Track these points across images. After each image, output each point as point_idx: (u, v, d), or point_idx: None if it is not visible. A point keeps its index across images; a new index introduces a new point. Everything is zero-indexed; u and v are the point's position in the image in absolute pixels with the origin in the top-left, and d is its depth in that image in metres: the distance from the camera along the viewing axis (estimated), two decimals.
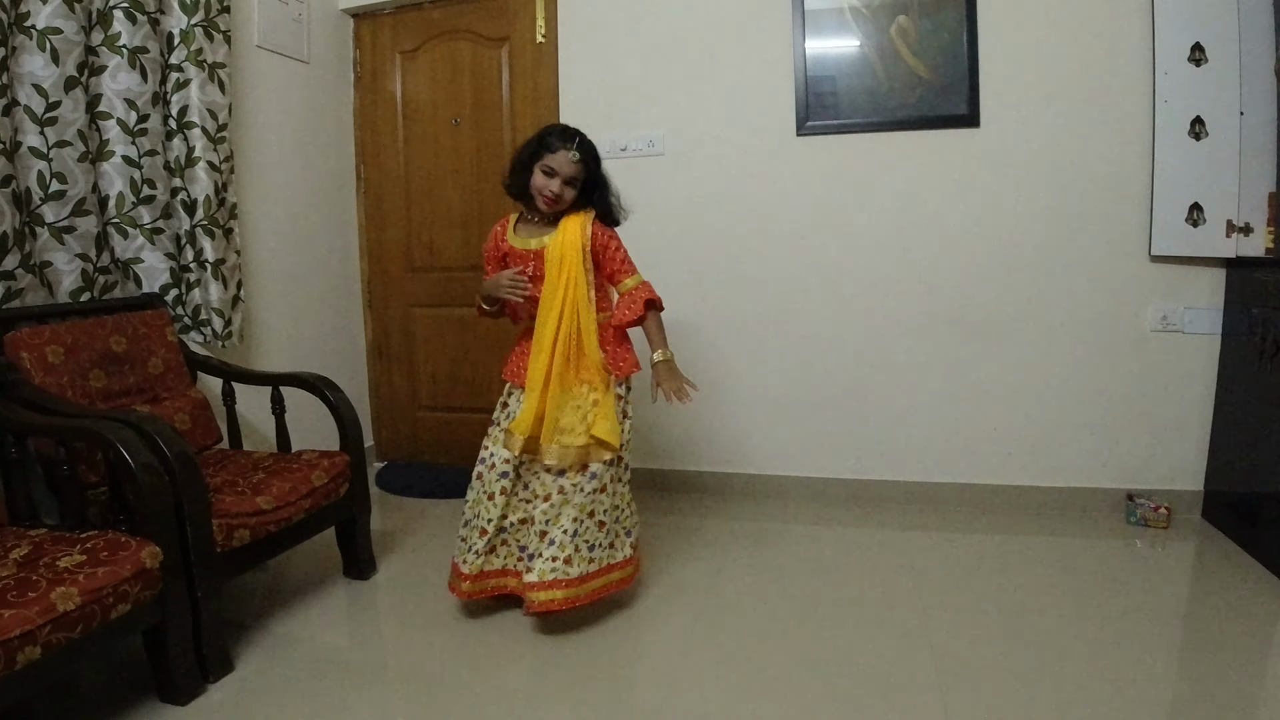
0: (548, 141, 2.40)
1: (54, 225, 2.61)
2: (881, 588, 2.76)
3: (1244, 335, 2.99)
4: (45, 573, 1.79)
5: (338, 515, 2.75)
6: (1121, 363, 3.30)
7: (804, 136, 3.49)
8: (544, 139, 2.42)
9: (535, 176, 2.41)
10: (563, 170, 2.37)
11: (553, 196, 2.39)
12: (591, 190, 2.45)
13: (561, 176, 2.38)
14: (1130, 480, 3.33)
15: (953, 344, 3.45)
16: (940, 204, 3.39)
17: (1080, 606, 2.57)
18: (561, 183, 2.38)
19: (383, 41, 4.13)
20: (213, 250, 3.05)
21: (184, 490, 2.08)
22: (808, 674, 2.22)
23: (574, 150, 2.36)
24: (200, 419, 2.80)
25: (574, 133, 2.41)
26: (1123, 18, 3.15)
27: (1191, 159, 3.06)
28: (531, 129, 3.86)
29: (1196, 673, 2.19)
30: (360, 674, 2.29)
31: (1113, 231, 3.25)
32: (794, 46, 3.46)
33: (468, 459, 4.21)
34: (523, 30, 3.89)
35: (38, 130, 2.53)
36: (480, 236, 4.04)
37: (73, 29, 2.57)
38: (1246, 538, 2.93)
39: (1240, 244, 3.01)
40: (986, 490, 3.47)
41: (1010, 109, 3.29)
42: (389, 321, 4.33)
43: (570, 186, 2.41)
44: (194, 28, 2.95)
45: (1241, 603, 2.55)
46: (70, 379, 2.45)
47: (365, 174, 4.25)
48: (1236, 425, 3.06)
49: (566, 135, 2.40)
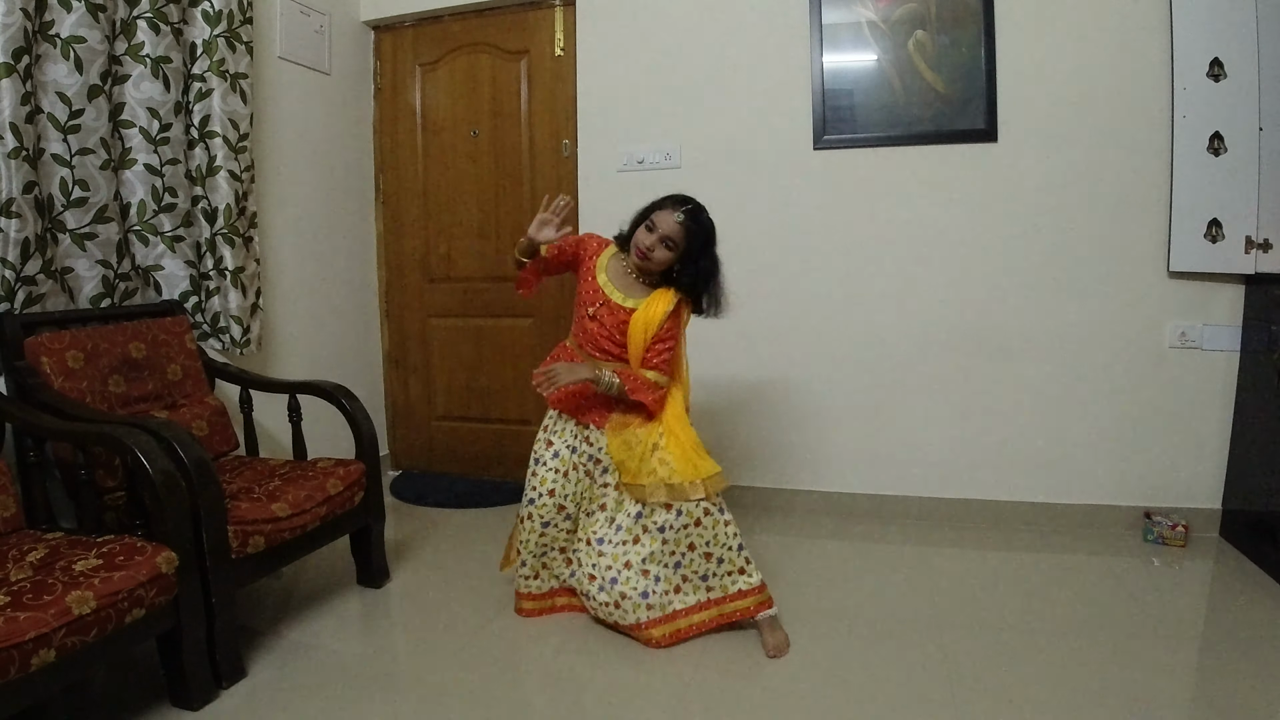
0: (660, 201, 2.42)
1: (76, 232, 2.63)
2: (897, 603, 2.74)
3: (1263, 352, 2.97)
4: (61, 576, 1.80)
5: (352, 524, 2.75)
6: (1139, 379, 3.28)
7: (821, 150, 3.49)
8: (660, 199, 2.43)
9: (639, 232, 2.41)
10: (662, 227, 2.35)
11: (645, 250, 2.37)
12: (690, 265, 2.41)
13: (659, 234, 2.36)
14: (1148, 498, 3.30)
15: (969, 359, 3.43)
16: (957, 219, 3.38)
17: (1097, 624, 2.55)
18: (658, 240, 2.36)
19: (403, 53, 4.17)
20: (232, 258, 3.08)
21: (200, 496, 2.09)
22: (821, 689, 2.20)
23: (679, 213, 2.35)
24: (217, 426, 2.82)
25: (690, 200, 2.41)
26: (1141, 33, 3.14)
27: (1210, 174, 3.05)
28: (550, 141, 3.92)
29: (1214, 692, 2.16)
30: (372, 682, 2.28)
31: (1131, 247, 3.23)
32: (811, 60, 3.46)
33: (483, 469, 4.27)
34: (542, 43, 3.91)
35: (61, 138, 2.56)
36: (498, 248, 4.07)
37: (97, 38, 2.60)
38: (1265, 556, 2.89)
39: (1259, 260, 2.99)
40: (1003, 507, 3.45)
41: (1028, 124, 3.28)
42: (406, 331, 4.35)
43: (666, 249, 2.37)
44: (217, 38, 2.98)
45: (1260, 621, 2.52)
46: (89, 384, 2.47)
47: (384, 185, 4.28)
48: (1255, 443, 3.03)
49: (680, 200, 2.40)
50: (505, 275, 4.09)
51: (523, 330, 4.11)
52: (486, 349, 4.20)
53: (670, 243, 2.36)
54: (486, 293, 4.16)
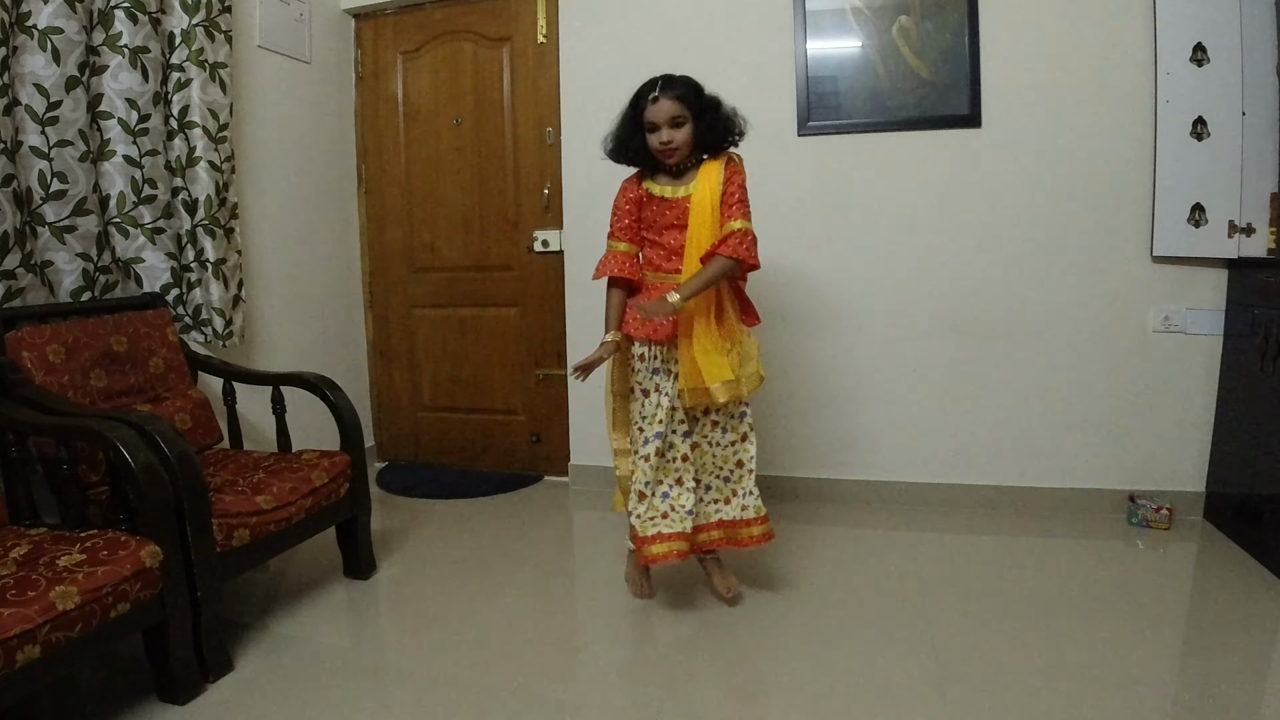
0: (636, 103, 2.39)
1: (55, 225, 2.61)
2: (882, 588, 2.75)
3: (1246, 336, 2.99)
4: (45, 572, 1.79)
5: (338, 515, 2.74)
6: (1124, 364, 3.30)
7: (805, 136, 3.48)
8: (634, 102, 2.40)
9: (648, 140, 2.39)
10: (660, 115, 2.33)
11: (664, 146, 2.35)
12: (702, 120, 2.38)
13: (664, 120, 2.33)
14: (1132, 481, 3.33)
15: (953, 344, 3.44)
16: (942, 204, 3.38)
17: (1082, 607, 2.57)
18: (667, 125, 2.34)
19: (384, 42, 4.14)
20: (214, 250, 3.05)
21: (184, 490, 2.08)
22: (808, 674, 2.21)
23: (659, 93, 2.32)
24: (201, 419, 2.80)
25: (655, 80, 2.37)
26: (1124, 18, 3.14)
27: (1193, 159, 3.06)
28: (533, 129, 3.89)
29: (1199, 674, 2.18)
30: (360, 674, 2.28)
31: (1115, 232, 3.24)
32: (795, 46, 3.45)
33: (469, 460, 4.27)
34: (524, 30, 3.89)
35: (39, 130, 2.53)
36: (482, 237, 4.05)
37: (74, 29, 2.57)
38: (1248, 539, 2.92)
39: (1242, 244, 3.01)
40: (987, 491, 3.47)
41: (1012, 110, 3.29)
42: (390, 321, 4.34)
43: (677, 127, 2.35)
44: (195, 28, 2.95)
45: (1243, 604, 2.55)
46: (71, 378, 2.45)
47: (366, 174, 4.25)
48: (1238, 426, 3.06)
49: (648, 85, 2.37)
50: (489, 265, 4.09)
51: (508, 319, 4.10)
52: (471, 339, 4.19)
53: (678, 119, 2.34)
54: (471, 282, 4.14)
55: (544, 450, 4.16)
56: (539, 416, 4.14)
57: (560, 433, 4.08)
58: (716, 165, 2.42)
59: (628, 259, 2.52)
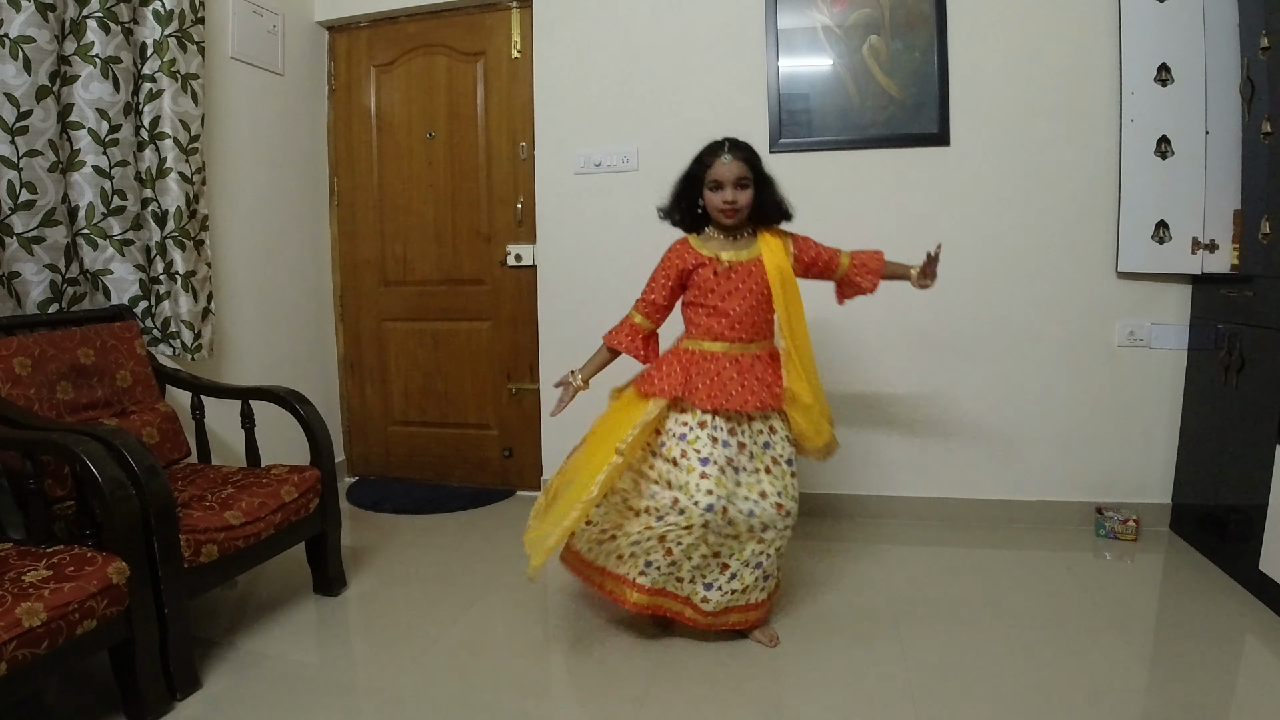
0: (702, 160, 2.39)
1: (23, 235, 2.58)
2: (852, 601, 2.76)
3: (1210, 351, 3.04)
4: (10, 588, 1.76)
5: (308, 531, 2.72)
6: (1090, 378, 3.35)
7: (777, 154, 3.51)
8: (699, 160, 2.40)
9: (708, 197, 2.39)
10: (727, 175, 2.33)
11: (726, 206, 2.35)
12: (763, 190, 2.40)
13: (730, 180, 2.34)
14: (1099, 494, 3.37)
15: (922, 358, 3.47)
16: (911, 221, 3.41)
17: (1050, 619, 2.59)
18: (733, 185, 2.34)
19: (358, 54, 4.13)
20: (183, 262, 3.03)
21: (152, 505, 2.05)
22: (779, 687, 2.22)
23: (727, 154, 2.33)
24: (169, 433, 2.77)
25: (723, 140, 2.38)
26: (1090, 39, 3.20)
27: (1158, 177, 3.11)
28: (507, 143, 3.90)
29: (1166, 683, 2.21)
30: (330, 691, 2.26)
31: (1080, 248, 3.29)
32: (768, 65, 3.49)
33: (440, 475, 4.25)
34: (498, 45, 3.90)
35: (8, 139, 2.50)
36: (455, 250, 4.05)
37: (45, 38, 2.55)
38: (1213, 549, 2.96)
39: (1206, 260, 3.06)
40: (956, 503, 3.50)
41: (980, 128, 3.34)
42: (361, 335, 4.31)
43: (742, 189, 2.36)
44: (168, 38, 2.93)
45: (1209, 613, 2.58)
46: (37, 391, 2.42)
47: (339, 187, 4.24)
48: (1203, 439, 3.11)
49: (716, 145, 2.38)
50: (461, 279, 4.07)
51: (480, 333, 4.09)
52: (444, 353, 4.17)
53: (743, 181, 2.35)
54: (443, 296, 4.13)
55: (516, 465, 4.14)
56: (511, 431, 4.13)
57: (532, 447, 4.07)
58: (775, 238, 2.46)
59: (641, 336, 2.52)
